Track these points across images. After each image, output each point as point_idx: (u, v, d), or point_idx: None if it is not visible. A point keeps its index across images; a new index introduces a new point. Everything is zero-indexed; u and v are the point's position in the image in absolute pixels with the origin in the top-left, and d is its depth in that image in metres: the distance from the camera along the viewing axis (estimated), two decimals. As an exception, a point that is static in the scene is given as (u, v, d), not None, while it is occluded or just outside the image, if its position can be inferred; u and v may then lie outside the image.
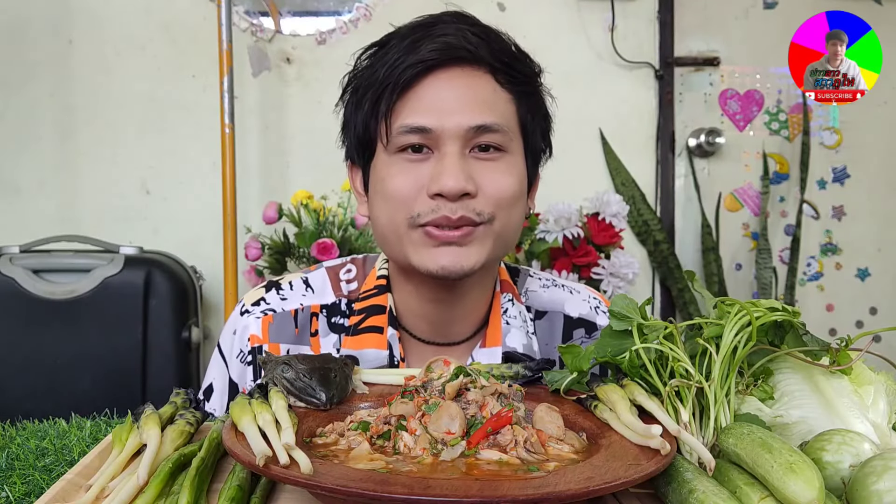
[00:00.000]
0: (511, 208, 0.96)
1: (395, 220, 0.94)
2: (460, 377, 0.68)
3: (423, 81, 0.92)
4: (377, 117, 0.94)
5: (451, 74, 0.93)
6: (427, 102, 0.92)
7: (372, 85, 0.94)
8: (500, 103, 0.95)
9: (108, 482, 0.62)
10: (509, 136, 0.95)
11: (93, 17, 2.45)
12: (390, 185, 0.94)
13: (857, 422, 0.66)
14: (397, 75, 0.92)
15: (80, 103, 2.46)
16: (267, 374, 0.75)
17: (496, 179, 0.93)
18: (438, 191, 0.90)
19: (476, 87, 0.93)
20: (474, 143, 0.93)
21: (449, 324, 1.05)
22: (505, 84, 0.96)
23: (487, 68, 0.94)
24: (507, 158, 0.95)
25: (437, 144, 0.92)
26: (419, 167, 0.93)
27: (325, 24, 2.55)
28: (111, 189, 2.47)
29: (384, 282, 1.06)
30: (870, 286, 2.83)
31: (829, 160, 2.79)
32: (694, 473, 0.58)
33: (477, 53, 0.93)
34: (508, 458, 0.60)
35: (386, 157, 0.95)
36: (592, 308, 1.12)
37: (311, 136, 2.51)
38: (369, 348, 1.01)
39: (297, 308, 1.07)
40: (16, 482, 0.75)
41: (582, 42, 2.62)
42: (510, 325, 1.05)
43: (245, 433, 0.60)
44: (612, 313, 0.74)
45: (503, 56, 0.96)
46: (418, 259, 0.94)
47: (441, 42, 0.92)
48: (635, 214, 2.61)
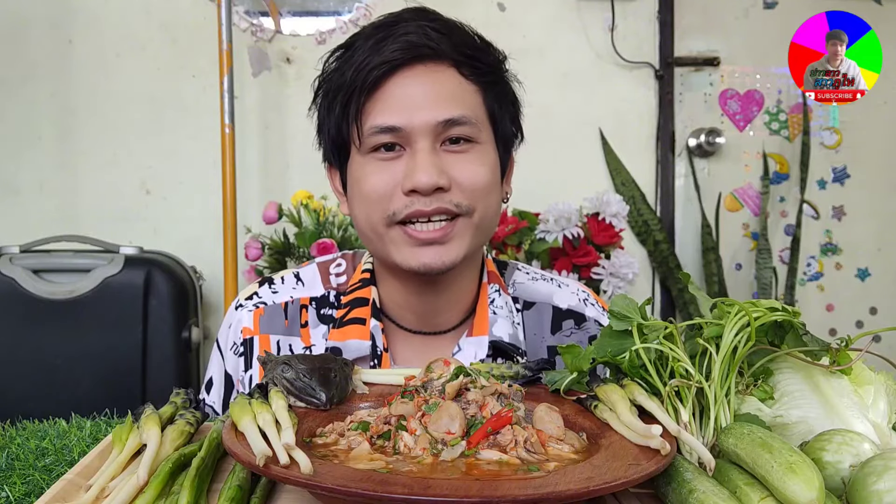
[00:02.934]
0: (487, 197, 0.98)
1: (372, 220, 0.97)
2: (460, 377, 0.68)
3: (389, 81, 0.94)
4: (348, 120, 0.97)
5: (415, 72, 0.95)
6: (395, 101, 0.94)
7: (341, 88, 0.97)
8: (466, 96, 0.97)
9: (108, 482, 0.62)
10: (478, 127, 0.97)
11: (93, 17, 2.45)
12: (365, 185, 0.96)
13: (857, 422, 0.66)
14: (364, 77, 0.94)
15: (80, 103, 2.46)
16: (267, 374, 0.75)
17: (469, 170, 0.96)
18: (412, 187, 0.93)
19: (441, 82, 0.95)
20: (444, 137, 0.95)
21: (435, 314, 1.07)
22: (469, 76, 0.98)
23: (451, 62, 0.96)
24: (478, 148, 0.97)
25: (409, 142, 0.94)
26: (392, 165, 0.95)
27: (325, 24, 2.55)
28: (111, 189, 2.47)
29: (368, 275, 1.09)
30: (870, 286, 2.83)
31: (829, 160, 2.79)
32: (694, 473, 0.58)
33: (439, 49, 0.95)
34: (508, 458, 0.60)
35: (360, 158, 0.98)
36: (581, 300, 1.14)
37: (311, 136, 2.50)
38: (352, 339, 1.03)
39: (287, 301, 1.10)
40: (16, 482, 0.75)
41: (582, 42, 2.62)
42: (497, 315, 1.07)
43: (245, 433, 0.60)
44: (611, 313, 0.74)
45: (465, 49, 0.97)
46: (400, 257, 0.96)
47: (403, 41, 0.94)
48: (635, 214, 2.61)
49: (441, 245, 0.95)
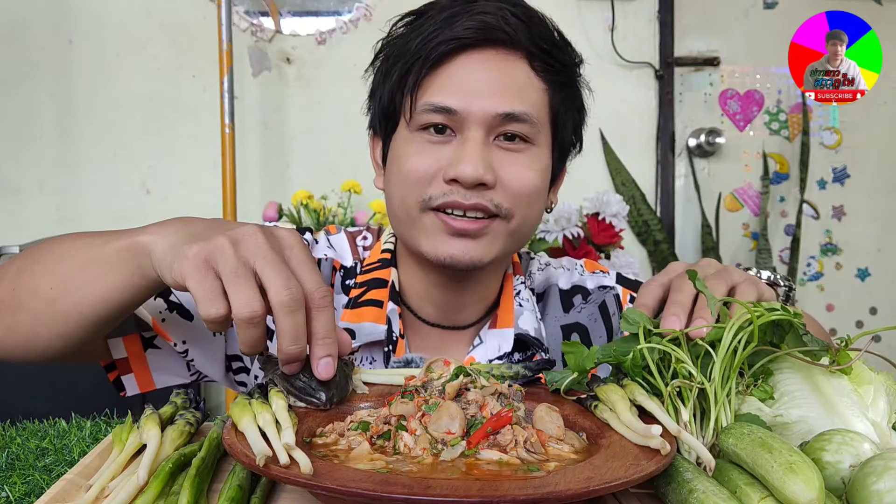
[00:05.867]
0: (530, 204, 0.92)
1: (406, 202, 0.91)
2: (460, 377, 0.68)
3: (454, 59, 0.88)
4: (403, 90, 0.91)
5: (485, 55, 0.89)
6: (456, 82, 0.88)
7: (402, 56, 0.91)
8: (533, 92, 0.91)
9: (108, 482, 0.62)
10: (537, 128, 0.91)
11: (93, 17, 2.45)
12: (406, 164, 0.91)
13: (857, 422, 0.66)
14: (429, 50, 0.88)
15: (80, 103, 2.46)
16: (267, 374, 0.75)
17: (518, 172, 0.90)
18: (455, 176, 0.87)
19: (509, 72, 0.89)
20: (499, 132, 0.90)
21: (457, 309, 1.02)
22: (540, 72, 0.91)
23: (524, 53, 0.90)
24: (533, 151, 0.92)
25: (461, 128, 0.89)
26: (439, 149, 0.90)
27: (325, 24, 2.55)
28: (111, 189, 2.47)
29: (388, 255, 1.03)
30: (870, 286, 2.83)
31: (829, 160, 2.80)
32: (694, 473, 0.58)
33: (515, 37, 0.88)
34: (508, 458, 0.60)
35: (407, 134, 0.92)
36: (578, 274, 1.11)
37: (311, 136, 2.52)
38: (367, 322, 0.98)
39: (321, 258, 1.04)
40: (16, 482, 0.75)
41: (582, 42, 2.62)
42: (522, 308, 1.02)
43: (245, 433, 0.60)
44: (624, 318, 0.75)
45: (542, 42, 0.91)
46: (428, 245, 0.91)
47: (479, 20, 0.87)
48: (635, 214, 2.61)
49: (472, 239, 0.89)
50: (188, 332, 0.97)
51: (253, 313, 0.64)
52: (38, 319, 0.80)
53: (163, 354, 0.98)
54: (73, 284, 0.78)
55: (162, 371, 0.99)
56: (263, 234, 0.68)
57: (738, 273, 0.82)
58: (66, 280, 0.78)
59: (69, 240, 0.83)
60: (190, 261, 0.66)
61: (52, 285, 0.79)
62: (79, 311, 0.78)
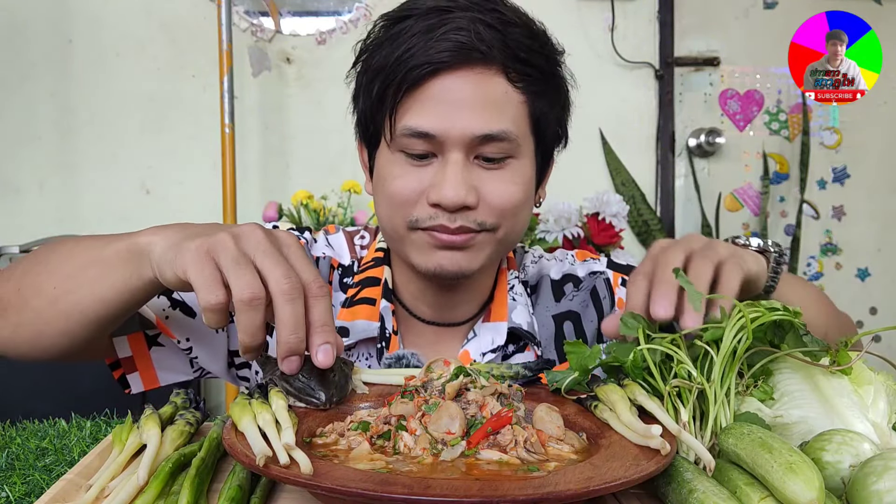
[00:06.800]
0: (516, 215, 0.94)
1: (394, 221, 0.94)
2: (460, 377, 0.68)
3: (431, 81, 0.89)
4: (382, 112, 0.92)
5: (460, 75, 0.89)
6: (433, 105, 0.89)
7: (381, 70, 0.91)
8: (510, 107, 0.91)
9: (108, 482, 0.62)
10: (517, 142, 0.91)
11: (93, 17, 2.45)
12: (391, 186, 0.92)
13: (857, 422, 0.66)
14: (405, 72, 0.88)
15: (80, 103, 2.46)
16: (266, 375, 0.75)
17: (500, 189, 0.91)
18: (437, 201, 0.89)
19: (485, 89, 0.89)
20: (478, 152, 0.90)
21: (451, 308, 1.04)
22: (518, 82, 0.91)
23: (500, 67, 0.90)
24: (514, 165, 0.93)
25: (441, 150, 0.90)
26: (421, 171, 0.91)
27: (325, 24, 2.55)
28: (111, 189, 2.47)
29: (381, 254, 1.05)
30: (870, 286, 2.83)
31: (829, 160, 2.80)
32: (694, 473, 0.58)
33: (489, 53, 0.88)
34: (508, 458, 0.60)
35: (389, 154, 0.93)
36: (569, 264, 1.13)
37: (311, 136, 2.51)
38: (360, 319, 1.00)
39: (319, 256, 1.07)
40: (16, 482, 0.75)
41: (582, 42, 2.62)
42: (516, 302, 1.04)
43: (245, 433, 0.60)
44: (623, 321, 0.75)
45: (518, 52, 0.90)
46: (419, 259, 0.94)
47: (454, 41, 0.87)
48: (635, 214, 2.61)
49: (460, 251, 0.92)
50: (191, 329, 0.99)
51: (253, 294, 0.66)
52: (41, 318, 0.82)
53: (167, 352, 1.00)
54: (74, 284, 0.80)
55: (166, 369, 1.01)
56: (262, 231, 0.71)
57: (724, 248, 0.82)
58: (68, 280, 0.81)
59: (73, 242, 0.86)
60: (192, 252, 0.68)
61: (54, 285, 0.81)
62: (80, 310, 0.80)
